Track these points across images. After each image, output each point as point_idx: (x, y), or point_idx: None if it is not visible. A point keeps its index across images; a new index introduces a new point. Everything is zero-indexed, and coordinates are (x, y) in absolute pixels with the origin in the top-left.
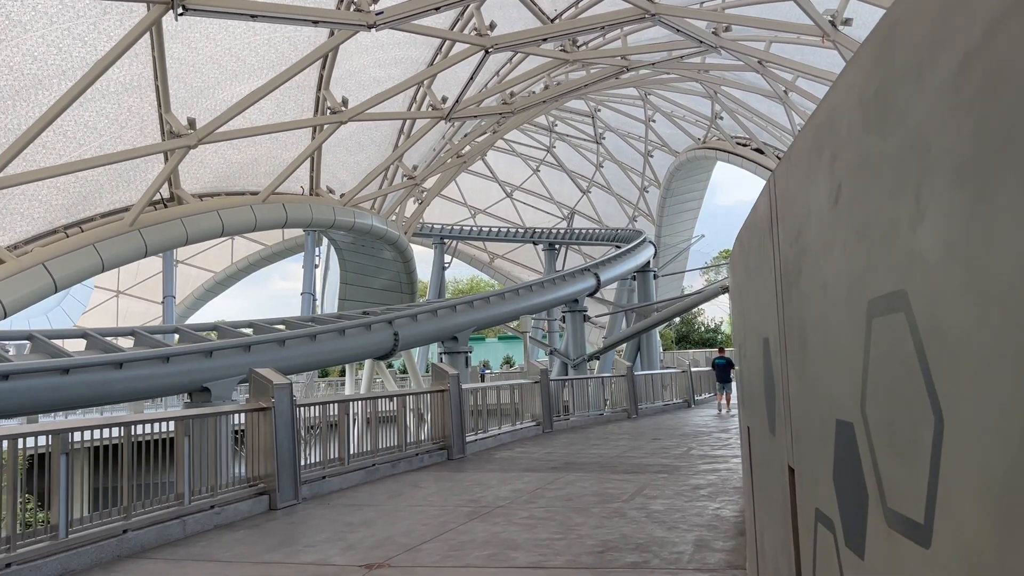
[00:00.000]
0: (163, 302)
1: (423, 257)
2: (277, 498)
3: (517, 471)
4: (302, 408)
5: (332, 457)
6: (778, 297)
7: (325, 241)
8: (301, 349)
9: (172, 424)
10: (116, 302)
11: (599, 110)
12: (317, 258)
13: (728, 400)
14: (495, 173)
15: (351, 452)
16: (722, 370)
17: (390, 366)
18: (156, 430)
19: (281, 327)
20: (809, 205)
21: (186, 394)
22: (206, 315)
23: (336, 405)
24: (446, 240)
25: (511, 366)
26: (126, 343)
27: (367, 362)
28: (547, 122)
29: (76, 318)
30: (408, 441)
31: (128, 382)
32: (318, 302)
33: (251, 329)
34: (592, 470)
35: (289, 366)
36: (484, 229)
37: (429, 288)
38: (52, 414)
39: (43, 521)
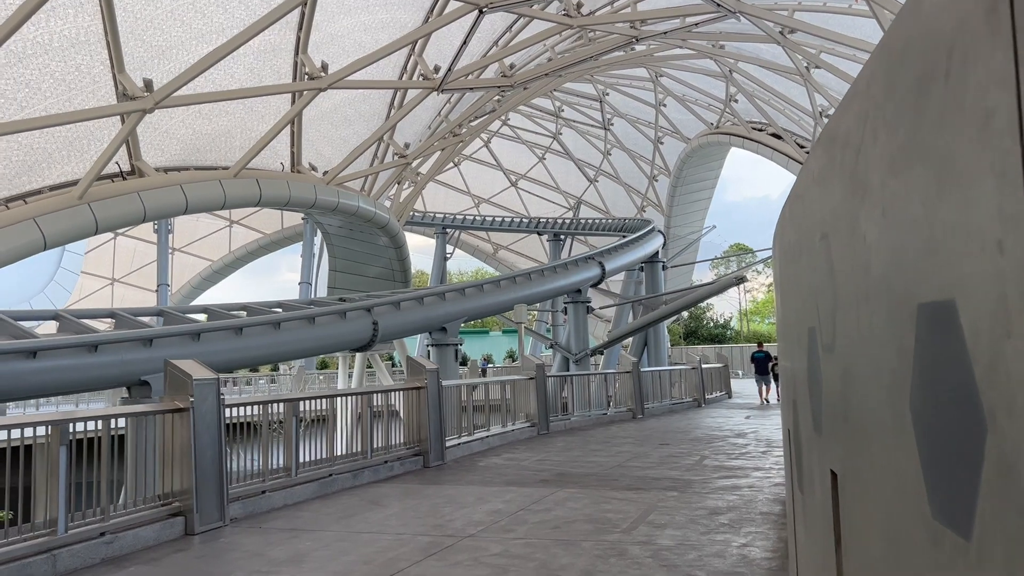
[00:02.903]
0: (157, 290)
1: (425, 248)
2: (195, 520)
3: (500, 484)
4: (233, 408)
5: (277, 467)
6: None
7: None
8: (262, 339)
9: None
10: (111, 290)
11: (607, 93)
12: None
13: (773, 392)
14: (499, 161)
15: (300, 461)
16: (760, 363)
17: (390, 359)
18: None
19: (241, 313)
20: None
21: (125, 389)
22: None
23: (282, 404)
24: (448, 230)
25: (514, 360)
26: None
27: (359, 355)
28: (553, 107)
29: (61, 306)
30: (375, 446)
31: (44, 374)
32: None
33: (205, 316)
34: (589, 484)
35: (246, 358)
36: (488, 219)
37: (431, 279)
38: None
39: None
